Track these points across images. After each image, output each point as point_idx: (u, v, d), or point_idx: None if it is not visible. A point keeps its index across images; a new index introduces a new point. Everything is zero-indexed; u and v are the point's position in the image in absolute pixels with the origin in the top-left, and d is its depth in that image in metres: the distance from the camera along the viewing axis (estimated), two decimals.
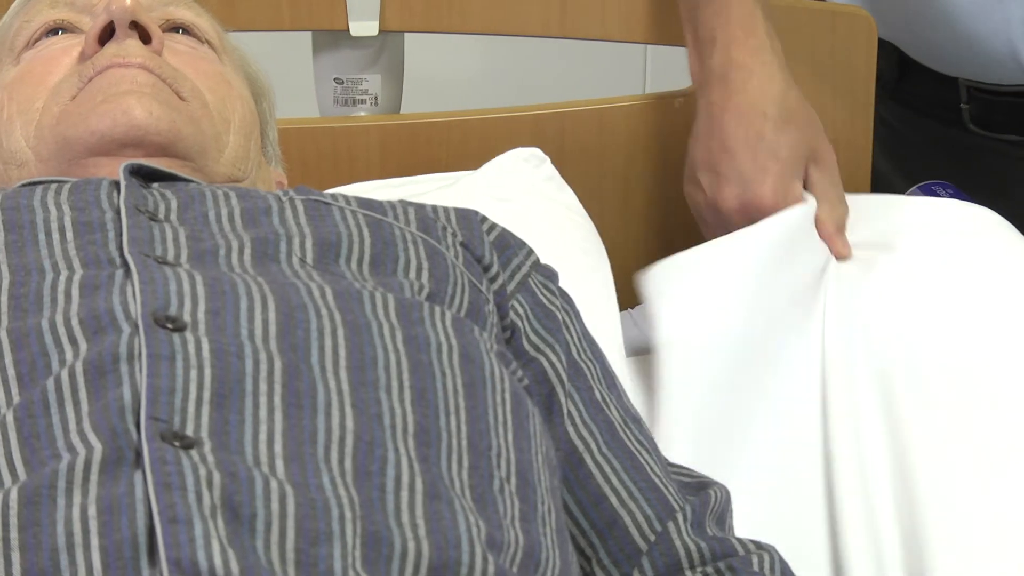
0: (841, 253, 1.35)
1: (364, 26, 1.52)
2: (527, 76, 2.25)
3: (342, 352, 0.82)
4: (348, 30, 1.52)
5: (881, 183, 1.61)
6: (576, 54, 1.64)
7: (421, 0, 1.53)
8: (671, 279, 1.27)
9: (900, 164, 1.65)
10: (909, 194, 1.55)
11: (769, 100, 1.34)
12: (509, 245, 1.03)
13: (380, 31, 1.53)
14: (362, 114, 1.57)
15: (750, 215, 1.33)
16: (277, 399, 0.77)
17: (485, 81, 2.58)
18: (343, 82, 1.56)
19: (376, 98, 1.57)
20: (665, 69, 2.09)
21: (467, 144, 1.52)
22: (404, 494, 0.75)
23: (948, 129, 1.63)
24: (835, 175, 1.37)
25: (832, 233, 1.36)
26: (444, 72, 2.39)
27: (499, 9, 1.55)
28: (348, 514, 0.72)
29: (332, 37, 1.54)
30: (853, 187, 1.59)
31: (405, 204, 1.01)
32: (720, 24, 1.37)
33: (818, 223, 1.36)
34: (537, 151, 1.44)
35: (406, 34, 1.57)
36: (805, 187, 1.36)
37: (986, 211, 1.43)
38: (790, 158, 1.34)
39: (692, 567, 0.91)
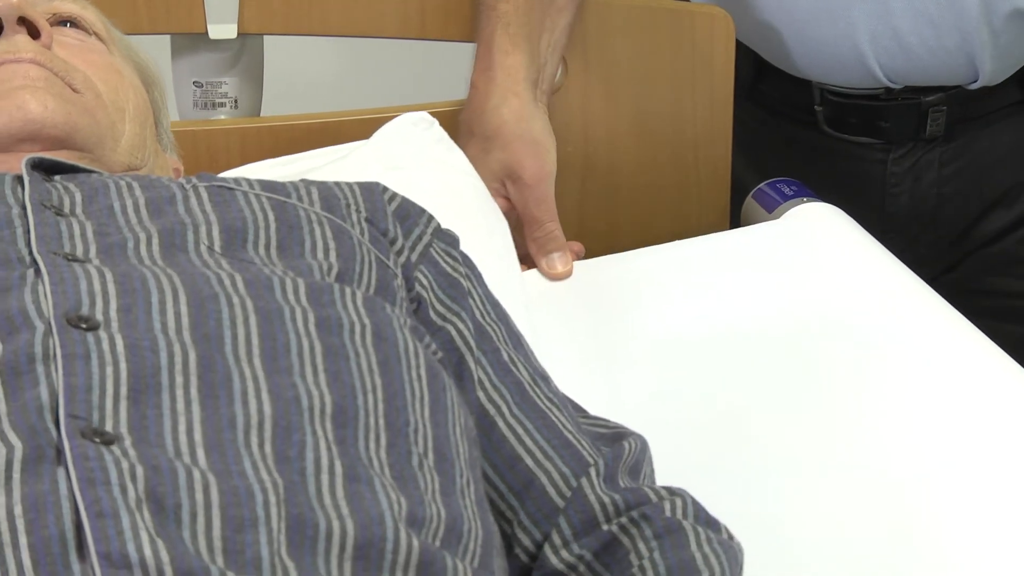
0: (548, 274, 1.42)
1: (223, 29, 1.51)
2: (389, 78, 2.24)
3: (255, 340, 0.83)
4: (207, 33, 1.51)
5: (737, 184, 1.63)
6: (437, 56, 1.64)
7: (280, 2, 1.52)
8: None
9: (757, 165, 1.67)
10: (755, 192, 1.58)
11: (476, 118, 1.43)
12: (410, 215, 1.04)
13: (239, 34, 1.52)
14: (222, 117, 1.55)
15: None
16: (193, 390, 0.78)
17: (346, 83, 2.56)
18: (202, 85, 1.54)
19: (236, 101, 1.56)
20: None
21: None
22: (324, 477, 0.77)
23: (803, 131, 1.66)
24: (539, 193, 1.42)
25: (534, 253, 1.43)
26: (304, 74, 2.38)
27: (358, 11, 1.54)
28: (272, 499, 0.73)
29: (191, 40, 1.53)
30: (713, 185, 1.61)
31: (308, 184, 1.02)
32: (478, 42, 1.46)
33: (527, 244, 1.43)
34: (425, 114, 1.46)
35: (265, 36, 1.56)
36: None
37: (829, 208, 1.47)
38: (482, 177, 1.41)
39: (608, 520, 0.92)
